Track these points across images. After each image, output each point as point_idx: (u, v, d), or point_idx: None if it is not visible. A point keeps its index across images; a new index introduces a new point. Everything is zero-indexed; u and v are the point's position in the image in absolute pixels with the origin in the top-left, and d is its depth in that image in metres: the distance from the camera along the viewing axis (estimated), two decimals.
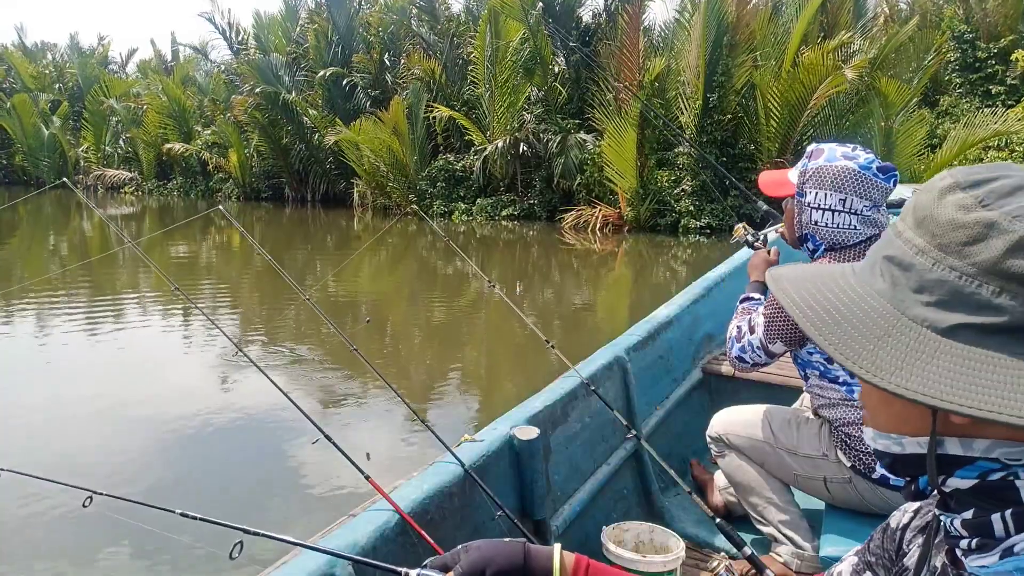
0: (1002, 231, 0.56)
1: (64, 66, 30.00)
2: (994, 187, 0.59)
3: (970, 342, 0.56)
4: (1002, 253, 0.56)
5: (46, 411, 5.30)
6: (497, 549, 0.96)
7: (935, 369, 0.56)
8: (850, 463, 1.97)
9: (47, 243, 15.92)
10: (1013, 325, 0.55)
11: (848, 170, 1.90)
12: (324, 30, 20.82)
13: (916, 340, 0.58)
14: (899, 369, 0.57)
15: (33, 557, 3.61)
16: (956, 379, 0.55)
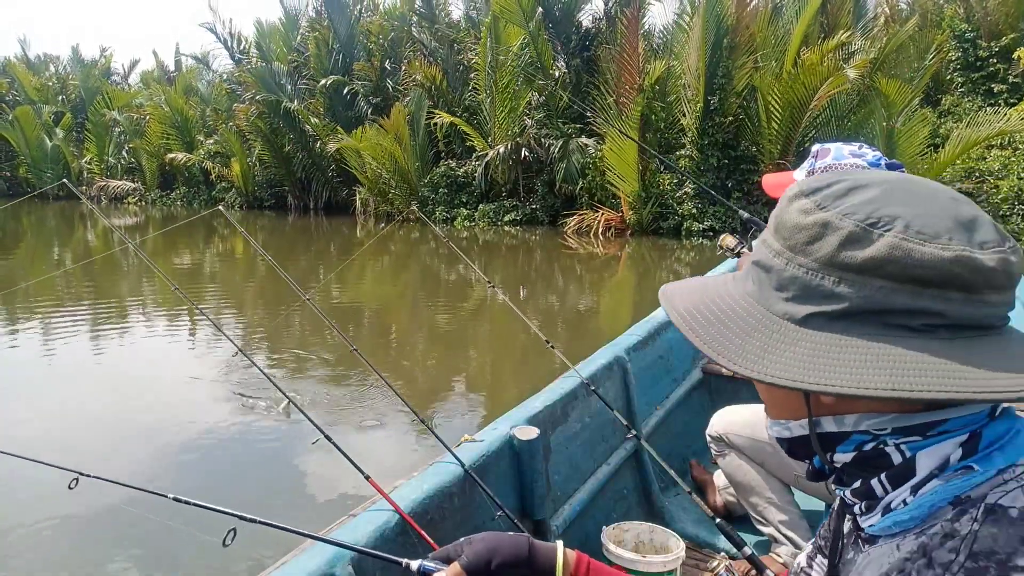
0: (835, 228, 0.63)
1: (67, 78, 30.14)
2: (830, 191, 0.65)
3: (821, 328, 0.63)
4: (836, 247, 0.62)
5: (44, 410, 5.33)
6: (501, 541, 0.98)
7: (793, 355, 0.62)
8: None
9: (51, 252, 15.98)
10: (853, 310, 0.62)
11: (858, 168, 1.89)
12: (325, 38, 20.90)
13: (778, 332, 0.65)
14: (760, 359, 0.63)
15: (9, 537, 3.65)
16: (811, 362, 0.61)
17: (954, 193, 0.65)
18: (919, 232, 0.60)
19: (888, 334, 0.60)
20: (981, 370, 0.58)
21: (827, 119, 14.20)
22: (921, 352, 0.59)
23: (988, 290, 0.60)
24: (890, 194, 0.63)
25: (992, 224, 0.63)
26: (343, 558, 1.40)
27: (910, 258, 0.59)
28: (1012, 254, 0.61)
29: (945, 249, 0.59)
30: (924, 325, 0.60)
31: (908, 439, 0.65)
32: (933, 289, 0.59)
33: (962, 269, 0.59)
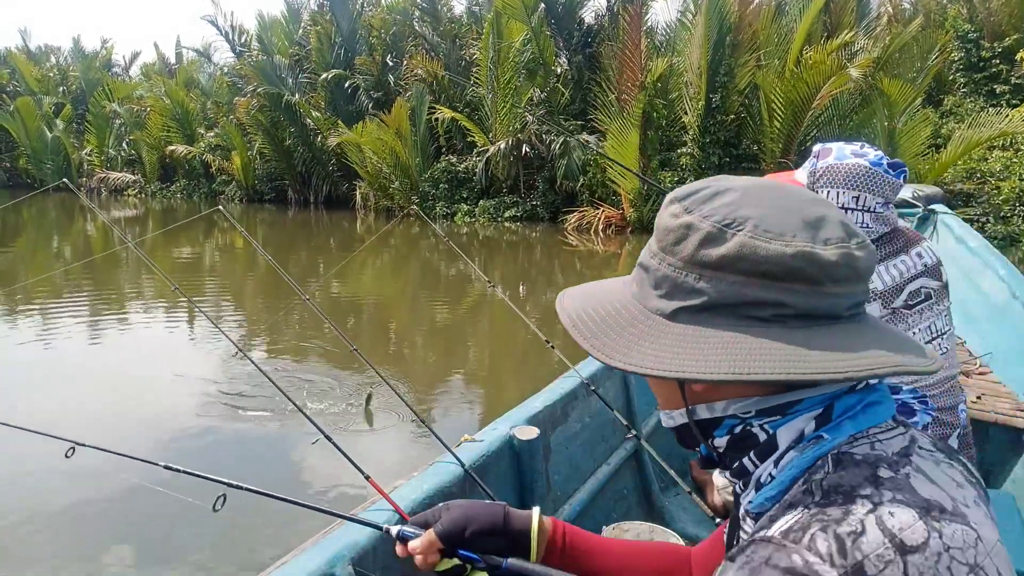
0: (696, 229, 0.69)
1: (67, 69, 30.07)
2: (697, 196, 0.72)
3: (687, 322, 0.69)
4: (696, 247, 0.69)
5: (42, 397, 5.32)
6: (477, 509, 0.99)
7: (659, 347, 0.69)
8: None
9: (51, 246, 15.96)
10: (712, 303, 0.68)
11: (860, 167, 1.89)
12: (327, 32, 20.85)
13: (650, 327, 0.71)
14: (630, 352, 0.70)
15: None
16: (673, 353, 0.68)
17: (811, 196, 0.71)
18: (766, 231, 0.66)
19: (741, 324, 0.67)
20: (817, 353, 0.64)
21: (829, 118, 14.18)
22: (766, 339, 0.66)
23: (830, 282, 0.66)
24: (747, 198, 0.70)
25: (840, 223, 0.68)
26: (343, 558, 1.40)
27: (756, 254, 0.66)
28: (858, 249, 0.67)
29: (788, 246, 0.65)
30: (773, 315, 0.67)
31: (770, 419, 0.71)
32: (779, 282, 0.66)
33: (803, 263, 0.65)
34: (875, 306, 1.86)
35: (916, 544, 0.58)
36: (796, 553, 0.59)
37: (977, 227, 12.58)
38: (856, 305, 0.69)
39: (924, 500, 0.61)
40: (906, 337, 0.70)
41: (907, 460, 0.66)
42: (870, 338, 0.67)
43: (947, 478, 0.66)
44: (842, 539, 0.59)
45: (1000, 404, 2.77)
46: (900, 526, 0.59)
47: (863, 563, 0.57)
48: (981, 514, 0.64)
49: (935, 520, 0.60)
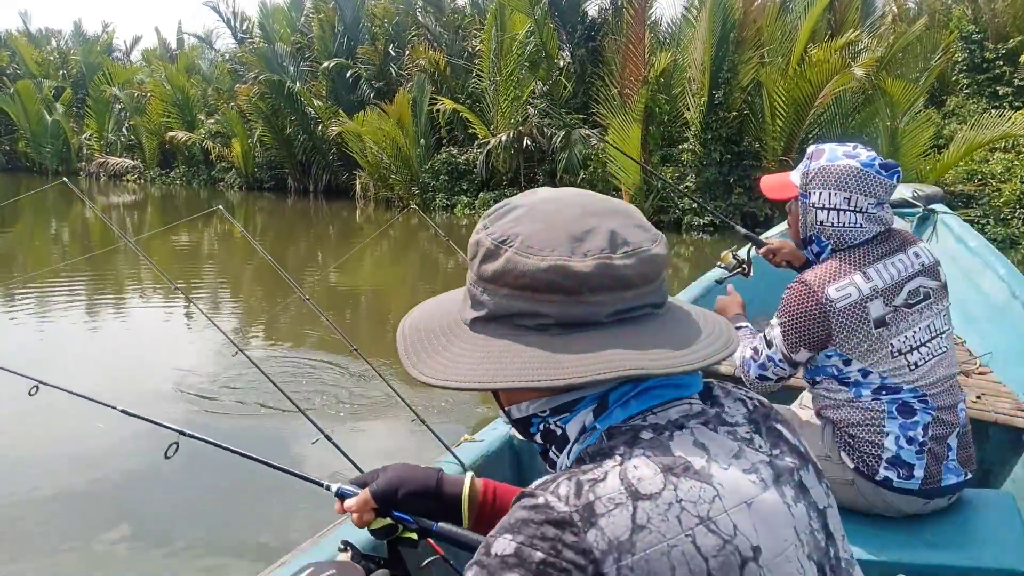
0: (481, 246, 0.76)
1: (68, 53, 29.91)
2: (496, 213, 0.78)
3: (479, 331, 0.76)
4: (480, 262, 0.76)
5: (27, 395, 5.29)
6: (412, 472, 1.05)
7: (447, 357, 0.75)
8: (853, 464, 1.95)
9: (48, 232, 15.91)
10: (491, 315, 0.75)
11: (851, 168, 1.91)
12: (329, 20, 20.75)
13: (455, 335, 0.77)
14: (427, 359, 0.76)
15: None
16: (455, 363, 0.74)
17: (595, 207, 0.76)
18: (529, 247, 0.72)
19: (514, 334, 0.73)
20: (569, 358, 0.70)
21: (831, 117, 14.14)
22: (526, 347, 0.72)
23: (587, 292, 0.71)
24: (528, 214, 0.75)
25: (609, 234, 0.73)
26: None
27: (516, 269, 0.72)
28: (622, 258, 0.72)
29: (543, 260, 0.71)
30: (538, 324, 0.73)
31: (560, 416, 0.77)
32: (538, 294, 0.72)
33: (555, 275, 0.71)
34: (878, 303, 1.87)
35: (649, 493, 0.64)
36: (541, 496, 0.66)
37: (977, 229, 12.56)
38: (621, 311, 0.73)
39: (672, 459, 0.67)
40: (668, 338, 0.74)
41: (677, 427, 0.71)
42: (624, 341, 0.71)
43: (719, 446, 0.70)
44: (581, 484, 0.66)
45: (1000, 404, 2.76)
46: (639, 477, 0.65)
47: (594, 503, 0.64)
48: (741, 480, 0.68)
49: (675, 476, 0.66)
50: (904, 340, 1.90)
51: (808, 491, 0.76)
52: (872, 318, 1.87)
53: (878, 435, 1.91)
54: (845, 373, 1.94)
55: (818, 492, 0.78)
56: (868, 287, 1.88)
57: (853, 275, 1.89)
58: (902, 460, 1.89)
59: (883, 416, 1.90)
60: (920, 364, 1.91)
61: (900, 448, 1.89)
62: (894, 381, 1.90)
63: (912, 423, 1.89)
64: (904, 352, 1.90)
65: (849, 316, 1.87)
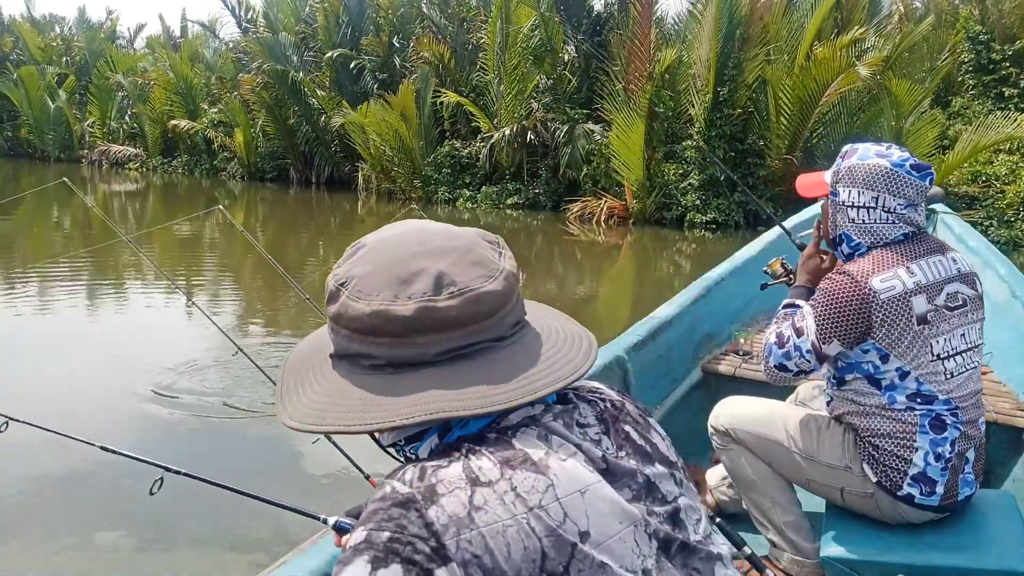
0: (328, 287, 0.78)
1: (72, 39, 29.83)
2: (348, 252, 0.81)
3: (335, 367, 0.79)
4: (327, 302, 0.78)
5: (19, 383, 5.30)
6: None
7: (304, 393, 0.78)
8: (876, 478, 1.89)
9: (50, 216, 15.88)
10: (337, 353, 0.79)
11: (880, 167, 1.88)
12: (334, 10, 20.67)
13: (321, 370, 0.80)
14: (292, 393, 0.79)
15: None
16: (300, 400, 0.77)
17: (430, 248, 0.77)
18: (359, 291, 0.75)
19: (355, 371, 0.77)
20: (387, 400, 0.73)
21: (836, 116, 14.09)
22: (356, 388, 0.75)
23: (413, 333, 0.74)
24: (368, 255, 0.78)
25: (436, 276, 0.75)
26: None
27: (348, 313, 0.75)
28: (448, 299, 0.74)
29: (368, 305, 0.74)
30: (371, 365, 0.76)
31: (412, 444, 0.80)
32: (366, 336, 0.75)
33: (378, 320, 0.74)
34: (921, 299, 1.82)
35: (487, 480, 0.69)
36: (388, 484, 0.70)
37: (981, 231, 12.52)
38: (451, 350, 0.75)
39: (513, 452, 0.72)
40: (496, 372, 0.75)
41: (524, 427, 0.75)
42: (444, 382, 0.74)
43: (562, 440, 0.75)
44: (425, 469, 0.70)
45: (1000, 404, 2.75)
46: (479, 466, 0.70)
47: (436, 485, 0.68)
48: (578, 469, 0.73)
49: (511, 468, 0.70)
50: (943, 344, 1.84)
51: (656, 488, 0.80)
52: (915, 313, 1.81)
53: (908, 450, 1.85)
54: (881, 372, 1.86)
55: (668, 487, 0.81)
56: (912, 281, 1.82)
57: (897, 268, 1.84)
58: (927, 477, 1.85)
59: (915, 430, 1.84)
60: (955, 374, 1.85)
61: (928, 464, 1.84)
62: (930, 388, 1.84)
63: (942, 439, 1.84)
64: (943, 358, 1.84)
65: (893, 308, 1.80)
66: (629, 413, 0.86)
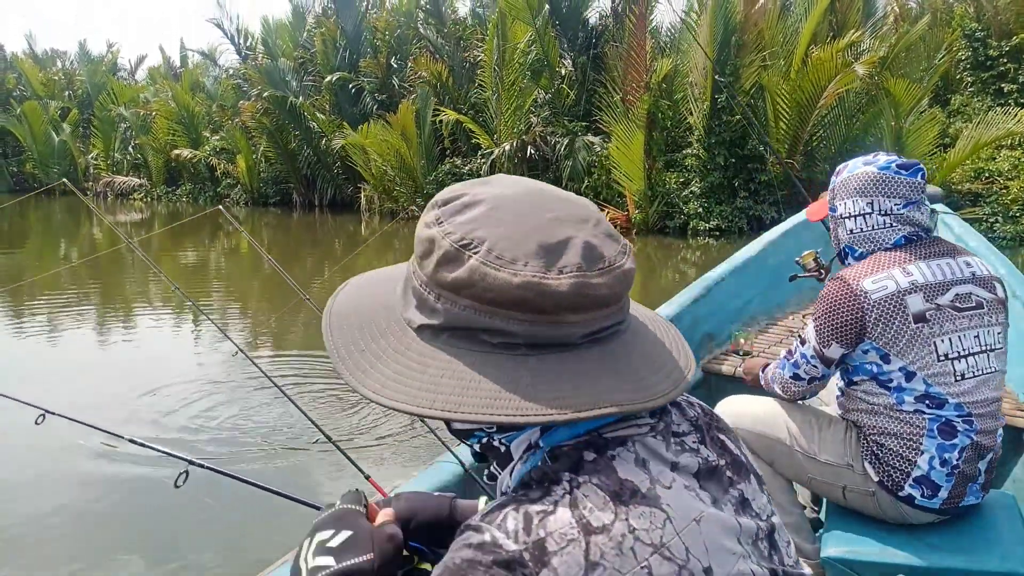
0: (438, 246, 0.66)
1: (73, 73, 30.16)
2: (451, 206, 0.69)
3: (427, 340, 0.67)
4: (435, 265, 0.66)
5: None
6: (424, 501, 0.99)
7: (394, 369, 0.67)
8: (878, 477, 1.89)
9: (57, 248, 15.99)
10: (448, 325, 0.66)
11: (869, 174, 1.94)
12: (332, 34, 20.85)
13: (399, 340, 0.69)
14: (369, 368, 0.67)
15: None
16: (397, 377, 0.66)
17: (565, 211, 0.68)
18: (498, 257, 0.64)
19: (476, 348, 0.65)
20: (528, 389, 0.63)
21: (835, 118, 14.10)
22: (488, 368, 0.64)
23: (563, 311, 0.64)
24: (492, 213, 0.67)
25: (583, 246, 0.66)
26: None
27: (485, 282, 0.64)
28: (599, 275, 0.65)
29: (516, 275, 0.63)
30: (502, 343, 0.65)
31: (506, 433, 0.71)
32: (506, 311, 0.64)
33: (530, 293, 0.63)
34: (917, 297, 1.82)
35: (601, 525, 0.61)
36: (487, 531, 0.61)
37: (986, 227, 12.48)
38: (594, 332, 0.67)
39: (619, 483, 0.64)
40: (648, 358, 0.70)
41: (620, 445, 0.67)
42: (599, 369, 0.66)
43: (662, 463, 0.67)
44: (530, 517, 0.61)
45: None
46: (590, 507, 0.61)
47: (545, 540, 0.60)
48: (686, 497, 0.66)
49: (624, 504, 0.62)
50: (951, 344, 1.82)
51: (750, 504, 0.73)
52: (911, 312, 1.82)
53: (913, 452, 1.84)
54: (886, 373, 1.87)
55: (760, 503, 0.75)
56: (907, 281, 1.84)
57: (892, 269, 1.86)
58: (930, 480, 1.84)
59: (922, 433, 1.83)
60: (967, 376, 1.83)
61: (932, 469, 1.84)
62: (939, 390, 1.82)
63: (951, 445, 1.83)
64: (951, 358, 1.82)
65: (885, 307, 1.82)
66: (718, 418, 0.78)
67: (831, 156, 13.80)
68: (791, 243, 4.11)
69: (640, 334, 0.72)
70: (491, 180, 0.72)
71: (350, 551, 0.76)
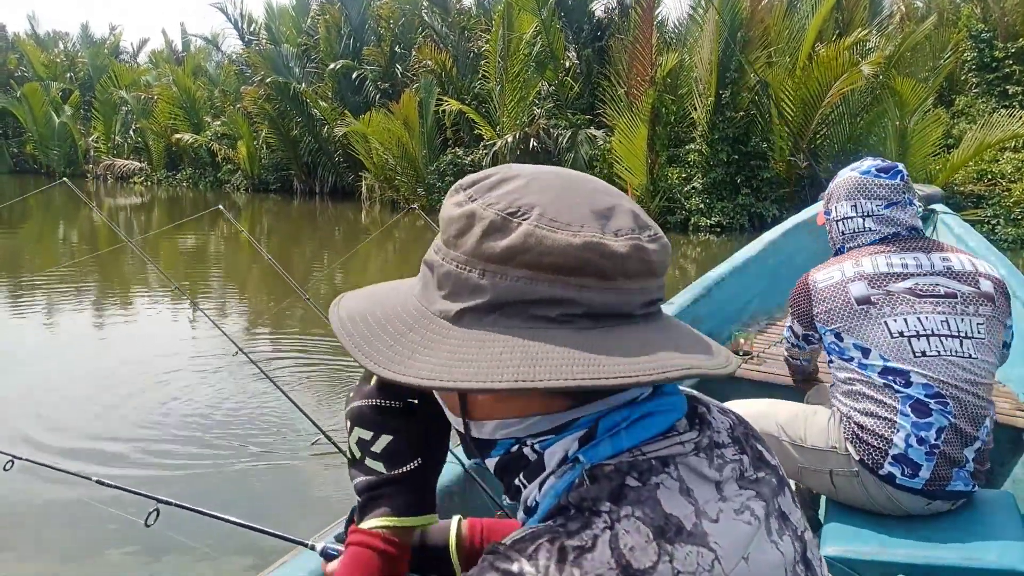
0: (480, 218, 0.63)
1: (75, 55, 30.03)
2: (482, 184, 0.66)
3: (472, 325, 0.63)
4: (479, 237, 0.63)
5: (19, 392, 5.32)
6: None
7: (438, 354, 0.62)
8: (858, 456, 1.95)
9: (56, 232, 15.95)
10: (497, 302, 0.62)
11: (852, 179, 2.13)
12: (335, 21, 20.76)
13: (433, 332, 0.64)
14: (407, 359, 0.62)
15: None
16: (453, 360, 0.61)
17: (600, 185, 0.68)
18: (553, 220, 0.62)
19: (528, 325, 0.61)
20: (606, 357, 0.59)
21: (839, 117, 14.05)
22: (553, 343, 0.60)
23: (621, 277, 0.61)
24: (532, 184, 0.65)
25: (631, 213, 0.64)
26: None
27: (543, 245, 0.61)
28: (650, 242, 0.63)
29: (575, 236, 0.61)
30: (562, 315, 0.61)
31: (542, 438, 0.66)
32: (567, 276, 0.61)
33: (592, 254, 0.61)
34: (860, 284, 2.00)
35: (643, 568, 0.56)
36: (516, 562, 0.57)
37: (988, 229, 12.46)
38: (650, 303, 0.65)
39: (664, 517, 0.59)
40: (698, 337, 0.67)
41: (664, 468, 0.63)
42: (663, 338, 0.63)
43: (707, 490, 0.63)
44: (565, 553, 0.56)
45: (1000, 404, 2.73)
46: (631, 546, 0.57)
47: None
48: (735, 529, 0.62)
49: (668, 543, 0.58)
50: (906, 323, 1.94)
51: (788, 518, 0.70)
52: (853, 296, 2.00)
53: (889, 429, 1.91)
54: (843, 350, 2.02)
55: (797, 517, 0.72)
56: (853, 271, 2.03)
57: (843, 263, 2.08)
58: (909, 458, 1.90)
59: (896, 411, 1.91)
60: (928, 354, 1.91)
61: (909, 447, 1.90)
62: (899, 365, 1.92)
63: (926, 423, 1.89)
64: (908, 336, 1.93)
65: (827, 294, 2.05)
66: (752, 427, 0.75)
67: (835, 154, 13.77)
68: (791, 243, 4.11)
69: (673, 319, 0.70)
70: (512, 166, 0.70)
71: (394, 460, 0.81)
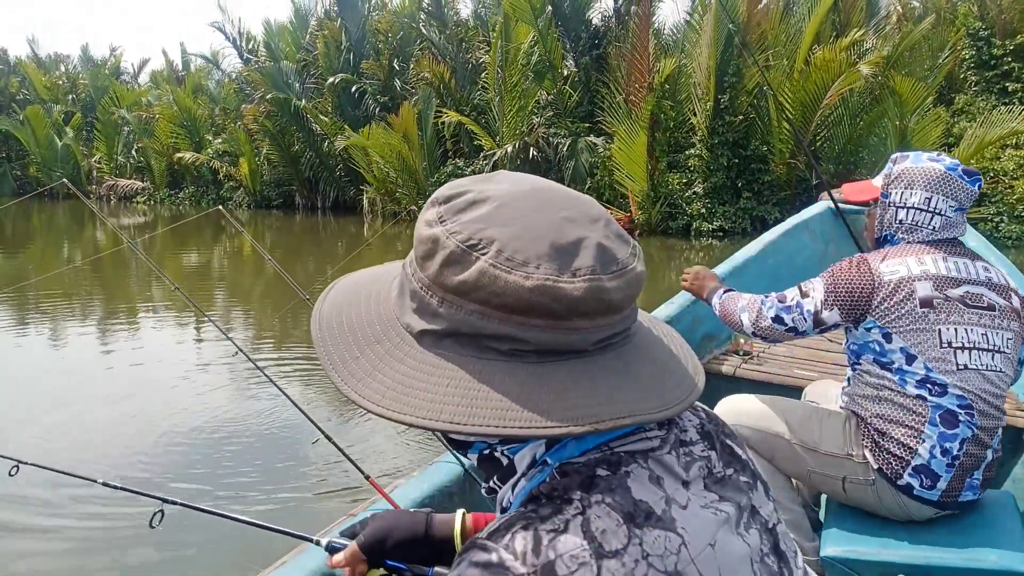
0: (442, 246, 0.62)
1: (76, 77, 30.21)
2: (455, 203, 0.64)
3: (430, 347, 0.63)
4: (439, 266, 0.62)
5: (23, 398, 5.33)
6: (400, 519, 0.98)
7: (395, 373, 0.63)
8: (877, 465, 1.89)
9: (60, 250, 16.01)
10: (451, 331, 0.62)
11: (935, 170, 1.94)
12: (335, 36, 20.86)
13: (397, 346, 0.65)
14: (367, 375, 0.63)
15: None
16: (403, 387, 0.62)
17: (574, 211, 0.65)
18: (509, 259, 0.60)
19: (481, 356, 0.62)
20: (543, 400, 0.59)
21: (839, 118, 14.06)
22: (496, 381, 0.60)
23: (576, 317, 0.61)
24: (501, 212, 0.63)
25: (596, 247, 0.62)
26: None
27: (495, 285, 0.60)
28: (612, 279, 0.62)
29: (528, 278, 0.60)
30: (512, 350, 0.62)
31: (510, 445, 0.68)
32: (518, 316, 0.60)
33: (543, 298, 0.60)
34: (926, 284, 1.85)
35: (614, 549, 0.58)
36: (495, 551, 0.59)
37: (991, 227, 12.44)
38: (607, 338, 0.64)
39: (633, 503, 0.61)
40: (659, 367, 0.67)
41: (633, 460, 0.64)
42: (612, 377, 0.63)
43: (675, 479, 0.65)
44: (540, 537, 0.58)
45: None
46: (603, 529, 0.59)
47: (555, 563, 0.57)
48: (701, 517, 0.63)
49: (638, 527, 0.60)
50: (955, 334, 1.84)
51: (758, 512, 0.70)
52: (919, 296, 1.86)
53: (915, 439, 1.85)
54: (887, 353, 1.89)
55: (768, 511, 0.72)
56: (919, 269, 1.89)
57: (907, 258, 1.92)
58: (930, 470, 1.85)
59: (924, 421, 1.84)
60: (969, 367, 1.84)
61: (933, 458, 1.84)
62: (940, 377, 1.83)
63: (952, 435, 1.84)
64: (955, 347, 1.84)
65: (894, 288, 1.87)
66: (723, 423, 0.76)
67: (835, 156, 13.76)
68: (791, 243, 4.11)
69: (647, 340, 0.69)
70: (495, 176, 0.69)
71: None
